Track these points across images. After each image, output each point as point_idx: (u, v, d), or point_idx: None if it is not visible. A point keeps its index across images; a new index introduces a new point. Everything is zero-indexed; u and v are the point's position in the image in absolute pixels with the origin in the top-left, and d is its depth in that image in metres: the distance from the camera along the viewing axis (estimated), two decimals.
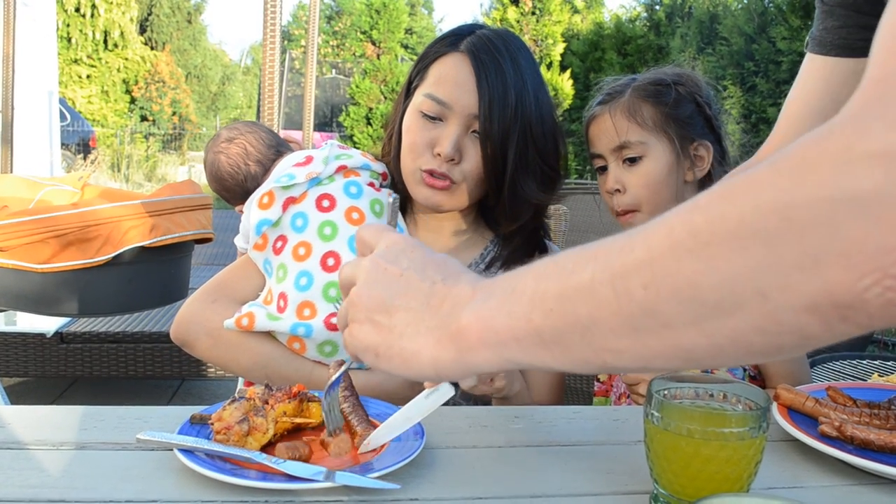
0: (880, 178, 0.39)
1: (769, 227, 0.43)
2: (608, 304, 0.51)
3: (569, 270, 0.54)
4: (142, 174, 15.04)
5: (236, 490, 0.76)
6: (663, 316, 0.49)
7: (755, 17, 10.18)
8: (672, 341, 0.50)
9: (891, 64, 0.43)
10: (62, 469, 0.80)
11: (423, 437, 0.86)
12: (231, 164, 1.34)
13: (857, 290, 0.41)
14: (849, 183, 0.40)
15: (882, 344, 3.78)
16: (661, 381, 0.78)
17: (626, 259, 0.51)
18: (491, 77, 1.21)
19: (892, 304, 0.41)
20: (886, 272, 0.40)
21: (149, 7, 23.80)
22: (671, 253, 0.48)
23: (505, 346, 0.59)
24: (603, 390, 1.42)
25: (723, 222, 0.46)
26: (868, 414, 0.94)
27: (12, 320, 3.32)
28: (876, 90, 0.43)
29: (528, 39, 12.85)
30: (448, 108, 1.22)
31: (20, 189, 2.56)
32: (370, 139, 14.45)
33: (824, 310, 0.43)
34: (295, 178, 1.24)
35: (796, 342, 0.46)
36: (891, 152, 0.39)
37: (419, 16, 28.15)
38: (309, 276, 1.20)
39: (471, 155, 1.23)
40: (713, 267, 0.46)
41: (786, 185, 0.43)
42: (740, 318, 0.46)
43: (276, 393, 0.90)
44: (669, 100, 1.34)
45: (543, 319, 0.55)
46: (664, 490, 0.74)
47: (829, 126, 0.43)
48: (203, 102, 25.30)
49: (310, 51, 4.86)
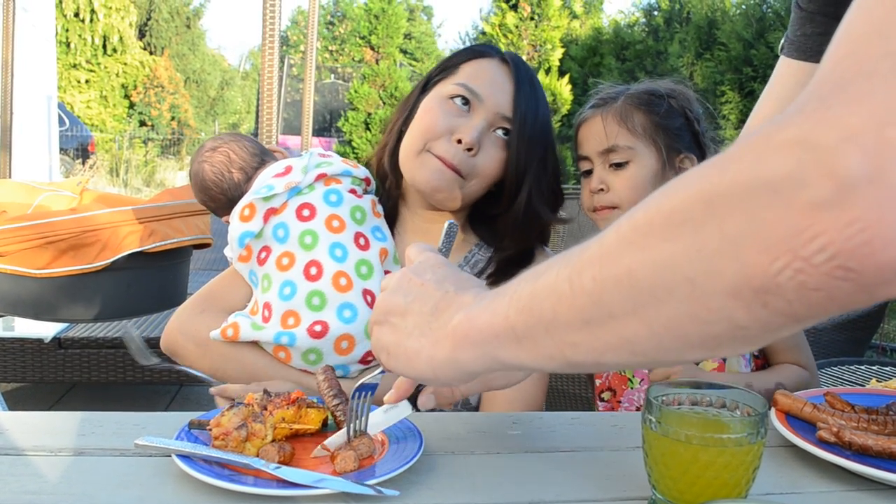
0: (792, 163, 0.41)
1: (695, 216, 0.46)
2: (566, 299, 0.54)
3: (541, 272, 0.58)
4: (140, 179, 15.04)
5: (234, 496, 0.76)
6: (607, 306, 0.52)
7: (753, 22, 10.21)
8: (617, 332, 0.52)
9: (826, 65, 0.45)
10: (60, 475, 0.80)
11: (422, 442, 0.86)
12: (215, 172, 1.35)
13: (771, 273, 0.43)
14: (764, 170, 0.43)
15: (881, 349, 3.78)
16: (659, 387, 0.79)
17: (583, 256, 0.54)
18: (526, 88, 1.27)
19: (806, 288, 0.42)
20: (796, 254, 0.41)
21: (148, 12, 23.83)
22: (616, 246, 0.52)
23: (488, 343, 0.63)
24: (607, 409, 1.42)
25: (657, 214, 0.49)
26: (866, 419, 0.95)
27: (10, 326, 3.31)
28: (808, 91, 0.45)
29: (527, 44, 12.88)
30: (479, 100, 1.25)
31: (18, 194, 2.56)
32: (369, 144, 14.46)
33: (745, 294, 0.44)
34: (274, 188, 1.24)
35: (728, 331, 0.47)
36: (802, 140, 0.41)
37: (418, 21, 28.20)
38: (292, 285, 1.21)
39: (489, 153, 1.25)
40: (647, 256, 0.49)
41: (712, 174, 0.46)
42: (673, 305, 0.48)
43: (275, 399, 0.90)
44: (661, 110, 1.36)
45: (517, 316, 0.59)
46: (662, 496, 0.74)
47: (765, 124, 0.45)
48: (202, 107, 25.32)
49: (309, 56, 4.86)
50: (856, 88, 0.41)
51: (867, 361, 2.15)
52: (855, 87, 0.41)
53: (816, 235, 0.40)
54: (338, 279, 1.20)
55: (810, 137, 0.41)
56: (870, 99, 0.40)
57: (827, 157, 0.40)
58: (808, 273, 0.41)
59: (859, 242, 0.40)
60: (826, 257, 0.41)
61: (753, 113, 1.23)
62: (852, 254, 0.40)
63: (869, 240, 0.39)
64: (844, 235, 0.40)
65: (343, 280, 1.20)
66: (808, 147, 0.41)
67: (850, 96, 0.41)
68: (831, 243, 0.40)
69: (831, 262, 0.41)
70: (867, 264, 0.40)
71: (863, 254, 0.40)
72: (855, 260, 0.40)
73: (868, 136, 0.39)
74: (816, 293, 0.42)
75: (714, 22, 11.23)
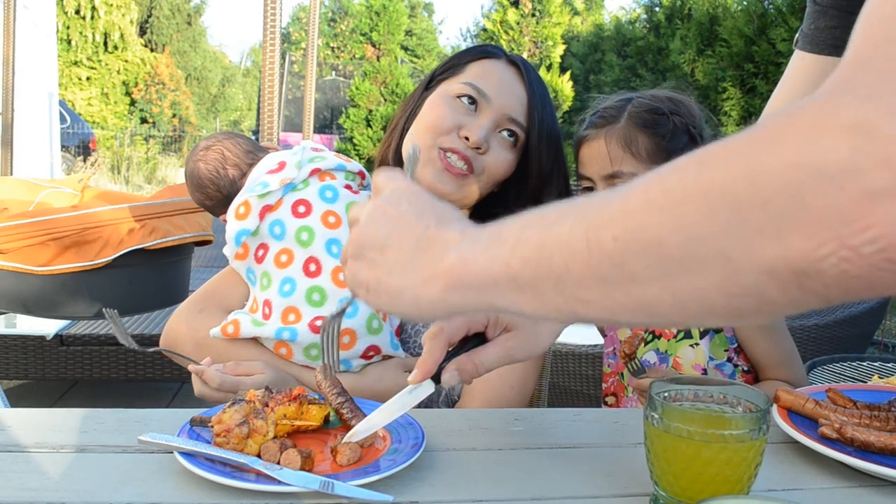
0: (845, 151, 0.40)
1: (737, 191, 0.44)
2: (580, 254, 0.52)
3: (551, 221, 0.56)
4: (142, 176, 15.04)
5: (236, 493, 0.76)
6: (630, 269, 0.50)
7: (755, 18, 10.19)
8: (637, 295, 0.51)
9: (864, 48, 0.44)
10: (62, 472, 0.80)
11: (424, 439, 0.86)
12: (209, 169, 1.35)
13: (814, 259, 0.42)
14: (815, 154, 0.41)
15: (882, 346, 3.78)
16: (661, 383, 0.78)
17: (603, 212, 0.52)
18: (537, 87, 1.28)
19: (847, 276, 0.41)
20: (843, 242, 0.41)
21: (149, 9, 23.81)
22: (644, 208, 0.49)
23: (485, 288, 0.61)
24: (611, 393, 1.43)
25: (695, 183, 0.47)
26: (868, 416, 0.94)
27: (12, 323, 3.32)
28: (849, 71, 0.44)
29: (528, 41, 12.86)
30: (486, 100, 1.24)
31: (20, 191, 2.56)
32: (370, 141, 14.46)
33: (783, 275, 0.44)
34: (269, 185, 1.24)
35: (755, 306, 0.47)
36: (857, 126, 0.40)
37: (419, 18, 28.17)
38: (292, 282, 1.21)
39: (497, 152, 1.25)
40: (681, 225, 0.47)
41: (757, 152, 0.45)
42: (703, 277, 0.47)
43: (277, 395, 0.90)
44: (666, 131, 1.32)
45: (522, 266, 0.57)
46: (664, 492, 0.74)
47: (803, 102, 0.44)
48: (203, 104, 25.31)
49: (310, 53, 4.86)
50: None
51: (869, 358, 2.14)
52: None
53: (869, 226, 0.40)
54: (337, 275, 1.20)
55: (867, 123, 0.40)
56: None
57: (885, 145, 0.39)
58: (853, 262, 0.41)
59: None
60: (875, 249, 0.40)
61: (769, 107, 1.22)
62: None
63: None
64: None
65: (342, 275, 1.20)
66: (864, 133, 0.40)
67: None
68: (883, 235, 0.39)
69: (880, 254, 0.40)
70: None
71: None
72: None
73: None
74: (857, 281, 0.42)
75: (715, 18, 11.21)
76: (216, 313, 1.28)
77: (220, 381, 1.13)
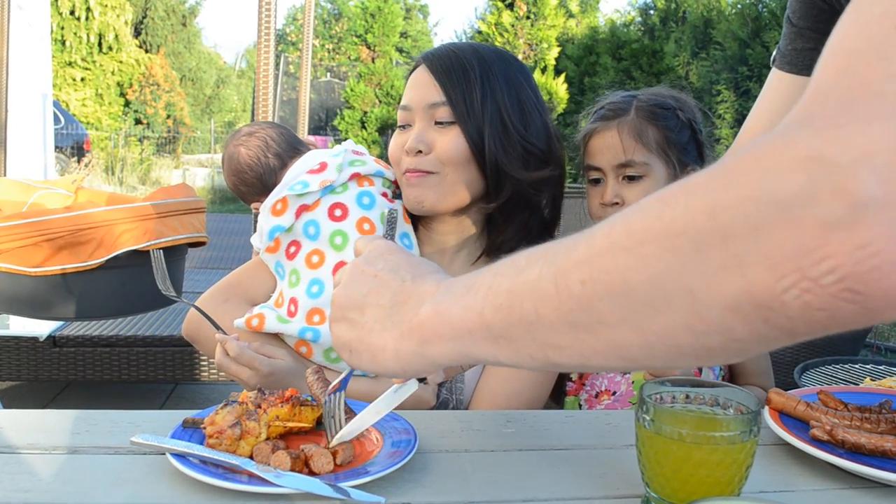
0: (803, 181, 0.40)
1: (698, 227, 0.45)
2: (550, 300, 0.53)
3: (521, 268, 0.56)
4: (136, 177, 15.00)
5: (228, 494, 0.76)
6: (598, 312, 0.50)
7: (749, 21, 10.22)
8: (606, 338, 0.51)
9: (825, 80, 0.44)
10: (54, 473, 0.80)
11: (416, 441, 0.86)
12: (251, 155, 1.36)
13: (777, 291, 0.42)
14: (773, 186, 0.42)
15: (875, 348, 3.79)
16: (652, 385, 0.79)
17: (570, 256, 0.53)
18: (445, 61, 1.24)
19: (811, 308, 0.42)
20: (804, 274, 0.41)
21: (143, 10, 23.75)
22: (609, 250, 0.50)
23: (459, 339, 0.61)
24: (573, 390, 1.42)
25: (657, 222, 0.47)
26: (859, 418, 0.95)
27: (5, 324, 3.30)
28: (810, 104, 0.44)
29: (523, 43, 12.87)
30: (410, 111, 1.25)
31: (13, 192, 2.55)
32: (364, 143, 14.44)
33: (746, 310, 0.44)
34: (309, 185, 1.25)
35: (722, 343, 0.47)
36: (812, 157, 0.40)
37: (414, 20, 28.16)
38: (321, 284, 1.23)
39: (441, 142, 1.22)
40: (645, 265, 0.47)
41: (716, 187, 0.45)
42: (669, 316, 0.47)
43: (269, 397, 0.90)
44: (672, 124, 1.39)
45: (494, 314, 0.57)
46: (656, 494, 0.75)
47: (763, 136, 0.44)
48: (197, 105, 25.24)
49: (305, 54, 4.86)
50: (866, 109, 0.40)
51: (861, 360, 2.15)
52: (865, 107, 0.40)
53: (826, 257, 0.40)
54: None
55: (823, 155, 0.40)
56: (883, 122, 0.40)
57: (841, 175, 0.39)
58: (815, 293, 0.41)
59: (869, 267, 0.39)
60: (835, 279, 0.40)
61: (746, 125, 1.23)
62: (861, 277, 0.39)
63: (879, 264, 0.39)
64: (855, 258, 0.39)
65: None
66: (820, 164, 0.40)
67: (862, 116, 0.40)
68: (841, 265, 0.40)
69: (839, 284, 0.40)
70: (875, 288, 0.40)
71: (872, 278, 0.39)
72: (863, 283, 0.40)
73: (882, 159, 0.39)
74: (820, 312, 0.42)
75: (710, 21, 11.25)
76: (240, 304, 1.30)
77: (238, 351, 1.12)
